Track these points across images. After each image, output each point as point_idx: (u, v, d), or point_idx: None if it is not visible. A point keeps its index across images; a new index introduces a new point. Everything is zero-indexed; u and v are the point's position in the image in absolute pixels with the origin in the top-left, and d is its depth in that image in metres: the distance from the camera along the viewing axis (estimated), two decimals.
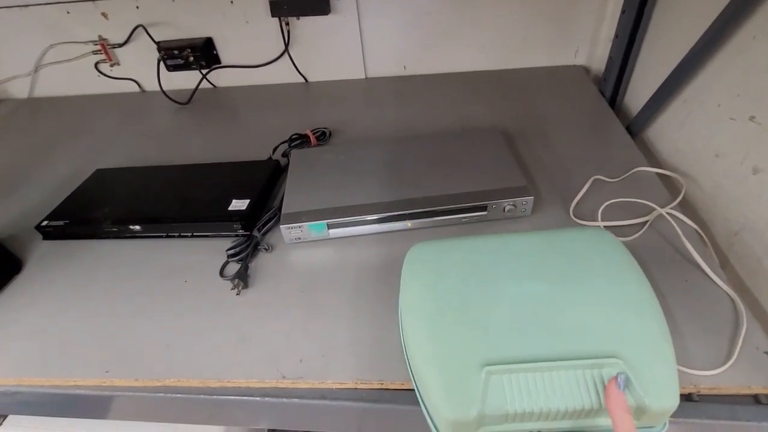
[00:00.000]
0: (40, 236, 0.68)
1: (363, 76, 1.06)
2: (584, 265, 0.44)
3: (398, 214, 0.60)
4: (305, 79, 1.07)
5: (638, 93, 0.85)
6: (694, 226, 0.58)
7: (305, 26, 0.98)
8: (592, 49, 0.99)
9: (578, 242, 0.46)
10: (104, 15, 0.98)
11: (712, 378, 0.43)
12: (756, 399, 0.43)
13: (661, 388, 0.35)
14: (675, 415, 0.42)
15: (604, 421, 0.36)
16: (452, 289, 0.42)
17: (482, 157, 0.68)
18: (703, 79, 0.66)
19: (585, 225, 0.61)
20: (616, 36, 0.86)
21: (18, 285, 0.61)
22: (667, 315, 0.48)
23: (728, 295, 0.50)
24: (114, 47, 1.03)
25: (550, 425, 0.37)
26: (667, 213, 0.60)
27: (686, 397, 0.44)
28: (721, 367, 0.44)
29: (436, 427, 0.38)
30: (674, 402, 0.35)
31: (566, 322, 0.39)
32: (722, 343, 0.46)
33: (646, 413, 0.35)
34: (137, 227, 0.64)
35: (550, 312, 0.40)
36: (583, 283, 0.42)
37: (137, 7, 0.97)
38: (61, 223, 0.66)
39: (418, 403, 0.45)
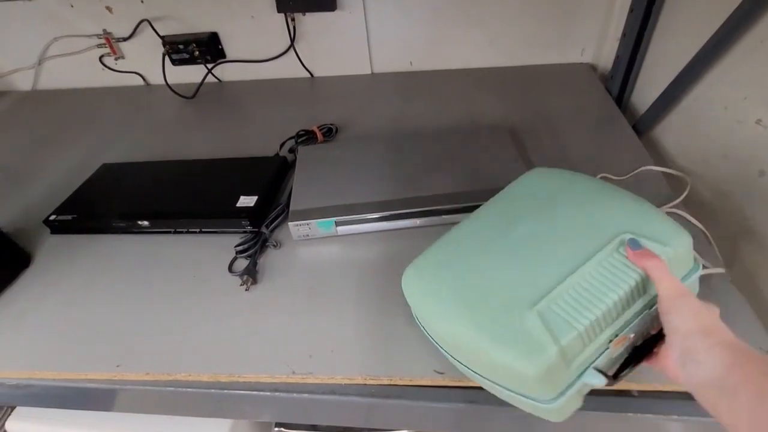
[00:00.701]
0: (48, 230, 0.68)
1: (369, 72, 1.06)
2: (546, 195, 0.47)
3: (405, 212, 0.61)
4: (311, 74, 1.06)
5: (645, 92, 0.85)
6: (700, 226, 0.59)
7: (311, 21, 0.97)
8: (599, 47, 0.98)
9: (528, 184, 0.50)
10: (108, 9, 0.98)
11: None
12: None
13: (671, 233, 0.39)
14: (679, 413, 0.43)
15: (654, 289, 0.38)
16: (457, 273, 0.43)
17: (489, 155, 0.68)
18: (711, 81, 0.66)
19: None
20: (624, 35, 0.86)
21: (27, 279, 0.62)
22: None
23: (732, 295, 0.51)
24: (119, 41, 1.03)
25: (620, 322, 0.37)
26: (673, 212, 0.60)
27: (689, 396, 0.44)
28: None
29: (529, 397, 0.37)
30: (688, 238, 0.40)
31: (566, 239, 0.41)
32: None
33: (676, 258, 0.38)
34: (145, 223, 0.65)
35: (549, 240, 0.42)
36: (554, 208, 0.45)
37: (142, 2, 0.96)
38: (69, 217, 0.67)
39: (425, 399, 0.45)
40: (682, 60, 0.69)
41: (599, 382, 0.36)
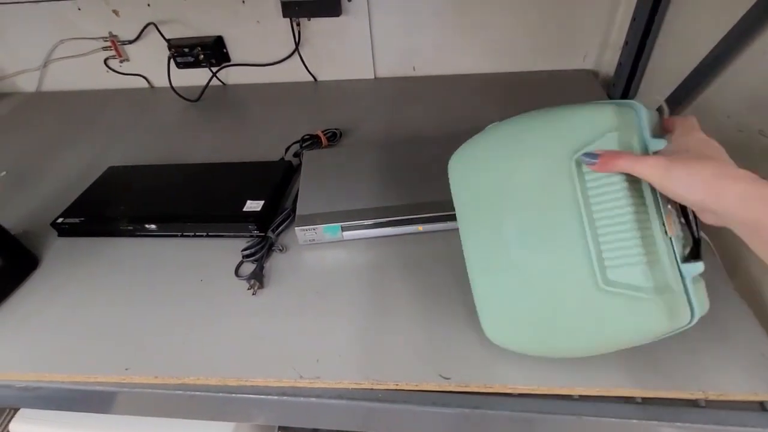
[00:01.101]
0: (56, 233, 0.68)
1: (372, 77, 1.06)
2: (485, 179, 0.44)
3: (411, 218, 0.61)
4: (315, 78, 1.07)
5: (647, 99, 0.86)
6: (705, 238, 0.59)
7: (316, 27, 0.98)
8: (601, 54, 0.99)
9: (460, 176, 0.47)
10: (115, 12, 0.99)
11: (719, 385, 0.45)
12: (762, 406, 0.44)
13: (594, 117, 0.37)
14: (682, 420, 0.44)
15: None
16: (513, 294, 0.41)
17: None
18: (714, 90, 0.67)
19: None
20: (626, 42, 0.87)
21: (35, 281, 0.62)
22: None
23: (735, 304, 0.52)
24: (124, 44, 1.04)
25: (653, 213, 0.36)
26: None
27: (693, 403, 0.45)
28: (725, 372, 0.45)
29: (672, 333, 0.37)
30: (605, 105, 0.37)
31: (537, 211, 0.39)
32: (729, 350, 0.47)
33: (619, 133, 0.36)
34: (152, 226, 0.65)
35: (534, 207, 0.39)
36: (504, 189, 0.41)
37: (148, 5, 0.97)
38: (76, 220, 0.67)
39: (431, 404, 0.46)
40: (684, 68, 0.69)
41: (699, 268, 0.35)
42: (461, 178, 0.46)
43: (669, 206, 0.36)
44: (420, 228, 0.63)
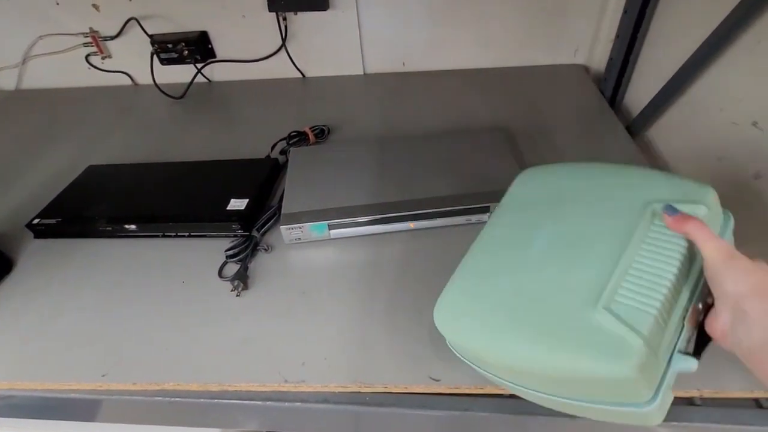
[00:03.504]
0: (32, 235, 0.66)
1: (361, 72, 1.05)
2: (546, 195, 0.45)
3: (399, 215, 0.60)
4: (303, 74, 1.05)
5: (639, 93, 0.85)
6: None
7: (303, 21, 0.96)
8: (592, 49, 0.98)
9: (524, 189, 0.48)
10: (95, 7, 0.96)
11: (715, 381, 0.44)
12: (758, 403, 0.43)
13: (692, 190, 0.38)
14: (678, 419, 0.42)
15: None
16: (499, 301, 0.39)
17: (484, 157, 0.67)
18: (706, 82, 0.66)
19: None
20: (617, 36, 0.86)
21: (9, 286, 0.59)
22: None
23: None
24: (106, 40, 1.01)
25: (686, 294, 0.35)
26: None
27: (688, 401, 0.44)
28: (721, 369, 0.44)
29: (629, 404, 0.34)
30: (710, 190, 0.38)
31: (592, 230, 0.39)
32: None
33: (708, 212, 0.36)
34: (132, 226, 0.63)
35: (575, 236, 0.39)
36: (563, 203, 0.43)
37: (130, 0, 0.94)
38: (53, 221, 0.64)
39: (420, 407, 0.44)
40: (676, 61, 0.69)
41: (690, 365, 0.33)
42: (534, 182, 0.48)
43: (700, 304, 0.35)
44: (411, 225, 0.61)
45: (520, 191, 0.48)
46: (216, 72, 1.06)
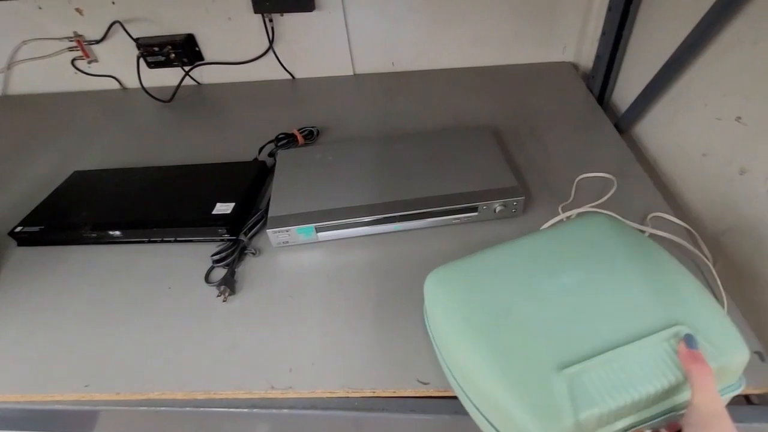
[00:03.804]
0: (15, 242, 0.65)
1: (351, 73, 1.04)
2: (600, 247, 0.43)
3: (388, 217, 0.59)
4: (292, 76, 1.04)
5: (626, 90, 0.85)
6: (684, 225, 0.59)
7: (290, 22, 0.95)
8: (580, 46, 0.98)
9: (584, 229, 0.46)
10: (78, 11, 0.95)
11: None
12: (747, 399, 0.43)
13: (729, 343, 0.35)
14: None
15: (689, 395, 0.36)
16: (489, 304, 0.40)
17: (473, 157, 0.67)
18: (690, 78, 0.66)
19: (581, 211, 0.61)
20: (603, 33, 0.86)
21: None
22: None
23: (717, 292, 0.51)
24: (91, 44, 1.00)
25: (643, 415, 0.35)
26: (656, 215, 0.60)
27: None
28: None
29: None
30: (745, 353, 0.35)
31: (615, 305, 0.38)
32: None
33: (726, 370, 0.35)
34: (117, 233, 0.62)
35: (595, 299, 0.38)
36: (609, 264, 0.41)
37: (113, 3, 0.93)
38: (36, 228, 0.64)
39: (410, 411, 0.44)
40: (661, 57, 0.68)
41: None
42: (607, 227, 0.46)
43: (649, 431, 0.35)
44: (399, 226, 0.61)
45: (578, 228, 0.46)
46: (205, 74, 1.05)
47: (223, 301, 0.55)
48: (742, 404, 0.43)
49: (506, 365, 0.36)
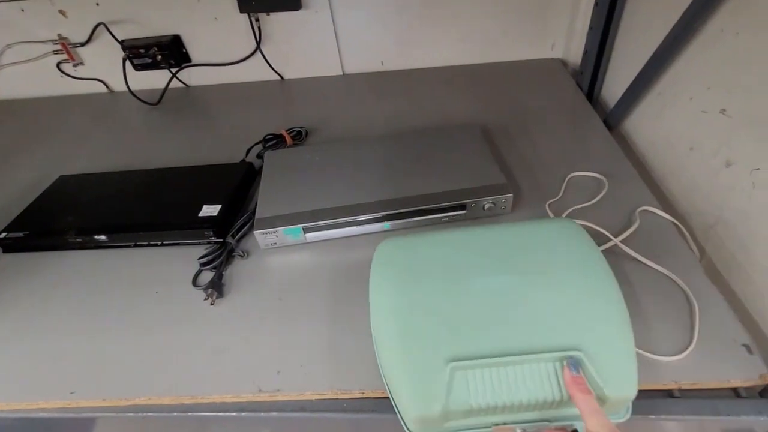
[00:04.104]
0: (0, 249, 0.64)
1: (340, 73, 1.04)
2: (548, 256, 0.44)
3: (376, 216, 0.59)
4: (281, 76, 1.04)
5: (614, 86, 0.85)
6: (672, 219, 0.59)
7: (277, 22, 0.95)
8: (569, 42, 0.98)
9: (544, 233, 0.46)
10: (62, 13, 0.93)
11: (692, 372, 0.43)
12: (736, 392, 0.43)
13: (619, 378, 0.36)
14: (657, 412, 0.42)
15: (569, 411, 0.37)
16: (420, 286, 0.42)
17: (461, 154, 0.67)
18: (676, 72, 0.66)
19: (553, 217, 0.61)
20: (591, 28, 0.86)
21: None
22: (644, 309, 0.48)
23: (707, 290, 0.51)
24: (76, 46, 0.98)
25: (515, 417, 0.38)
26: (644, 210, 0.60)
27: (668, 394, 0.44)
28: (698, 360, 0.44)
29: (405, 423, 0.39)
30: (632, 391, 0.37)
31: (529, 316, 0.39)
32: (701, 337, 0.46)
33: (606, 402, 0.36)
34: (103, 237, 0.61)
35: (514, 306, 0.40)
36: (546, 275, 0.42)
37: (97, 4, 0.92)
38: (21, 234, 0.63)
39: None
40: (648, 52, 0.69)
41: None
42: (560, 230, 0.47)
43: (519, 430, 0.37)
44: (388, 226, 0.60)
45: (536, 231, 0.47)
46: (193, 76, 1.04)
47: (211, 304, 0.54)
48: (731, 397, 0.43)
49: (408, 345, 0.39)
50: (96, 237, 0.61)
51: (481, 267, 0.43)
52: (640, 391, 0.42)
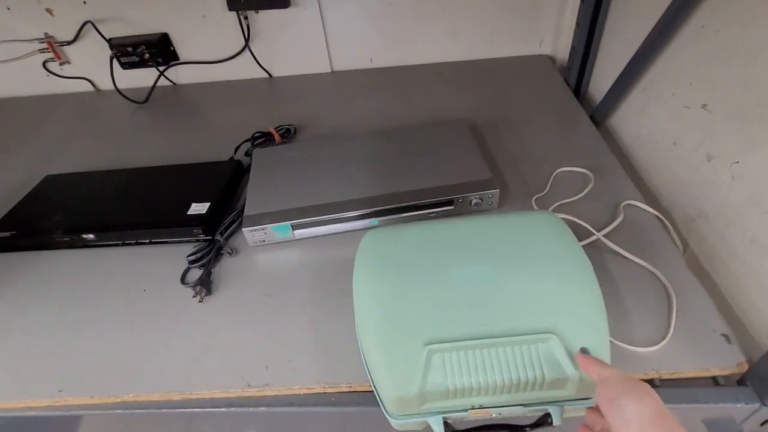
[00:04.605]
0: None
1: (329, 70, 1.04)
2: (527, 246, 0.45)
3: (363, 213, 0.59)
4: (269, 74, 1.03)
5: (601, 82, 0.86)
6: (655, 213, 0.60)
7: (265, 20, 0.95)
8: (557, 39, 0.99)
9: (523, 225, 0.48)
10: (49, 11, 0.93)
11: (672, 362, 0.44)
12: (715, 381, 0.44)
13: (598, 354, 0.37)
14: None
15: (544, 395, 0.38)
16: (401, 274, 0.43)
17: (449, 151, 0.67)
18: (659, 68, 0.67)
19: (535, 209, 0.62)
20: (578, 25, 0.87)
21: None
22: (625, 302, 0.49)
23: (687, 280, 0.52)
24: (62, 45, 0.98)
25: (492, 399, 0.38)
26: (628, 204, 0.61)
27: (649, 383, 0.44)
28: (678, 350, 0.45)
29: (384, 406, 0.40)
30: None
31: (506, 301, 0.40)
32: (680, 327, 0.47)
33: (583, 383, 0.37)
34: (91, 236, 0.61)
35: (492, 292, 0.41)
36: (524, 264, 0.43)
37: (84, 2, 0.91)
38: (7, 234, 0.62)
39: None
40: (633, 48, 0.69)
41: (438, 430, 0.38)
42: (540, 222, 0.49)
43: (497, 416, 0.38)
44: (376, 222, 0.61)
45: (517, 221, 0.48)
46: (180, 75, 1.04)
47: (200, 301, 0.54)
48: (710, 386, 0.44)
49: (387, 329, 0.40)
50: (84, 236, 0.61)
51: (461, 256, 0.44)
52: None
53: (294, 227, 0.59)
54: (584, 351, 0.37)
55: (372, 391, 0.44)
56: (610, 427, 0.30)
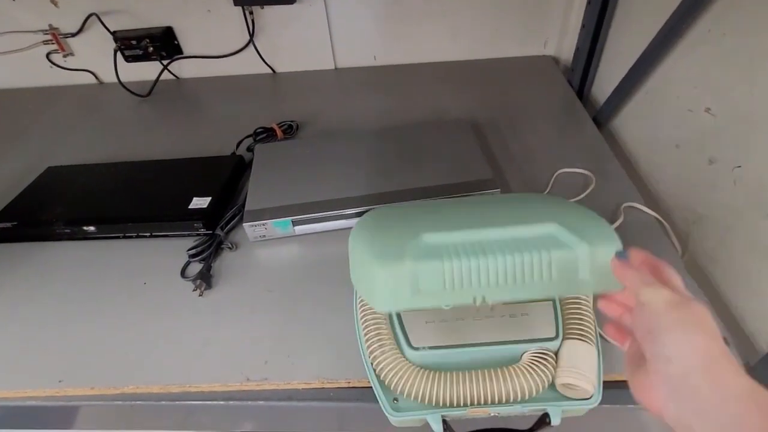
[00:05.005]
0: None
1: (333, 67, 1.04)
2: (530, 203, 0.45)
3: (363, 210, 0.59)
4: (273, 70, 1.03)
5: (604, 83, 0.86)
6: (656, 216, 0.60)
7: (270, 15, 0.95)
8: (561, 40, 0.99)
9: (524, 197, 0.50)
10: (54, 2, 0.93)
11: None
12: None
13: (599, 235, 0.36)
14: (633, 401, 0.43)
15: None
16: (396, 227, 0.42)
17: (451, 149, 0.67)
18: (664, 71, 0.67)
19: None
20: (583, 26, 0.86)
21: None
22: None
23: (686, 282, 0.52)
24: (66, 37, 0.98)
25: (488, 293, 0.35)
26: (629, 205, 0.61)
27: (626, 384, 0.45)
28: None
29: (382, 401, 0.40)
30: (617, 245, 0.35)
31: (508, 216, 0.39)
32: None
33: (592, 264, 0.35)
34: (92, 228, 0.61)
35: (495, 215, 0.40)
36: (526, 210, 0.42)
37: None
38: (9, 225, 0.62)
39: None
40: (637, 50, 0.69)
41: (437, 428, 0.38)
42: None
43: (496, 414, 0.38)
44: None
45: (529, 197, 0.50)
46: (184, 69, 1.04)
47: (199, 295, 0.54)
48: None
49: (379, 240, 0.39)
50: (85, 228, 0.61)
51: (461, 214, 0.43)
52: (615, 382, 0.43)
53: (295, 223, 0.59)
54: (620, 256, 0.32)
55: (371, 388, 0.44)
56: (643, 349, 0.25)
